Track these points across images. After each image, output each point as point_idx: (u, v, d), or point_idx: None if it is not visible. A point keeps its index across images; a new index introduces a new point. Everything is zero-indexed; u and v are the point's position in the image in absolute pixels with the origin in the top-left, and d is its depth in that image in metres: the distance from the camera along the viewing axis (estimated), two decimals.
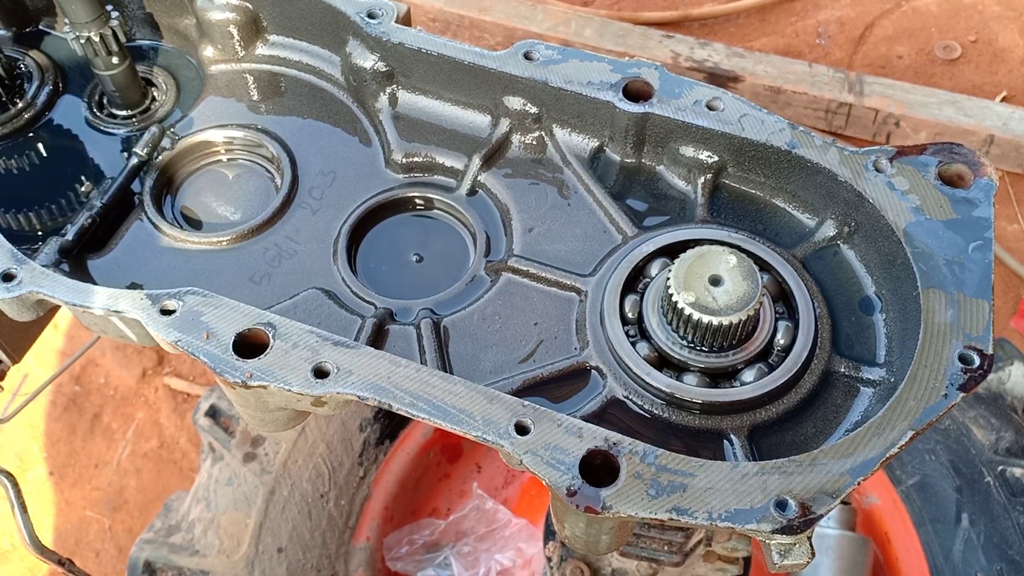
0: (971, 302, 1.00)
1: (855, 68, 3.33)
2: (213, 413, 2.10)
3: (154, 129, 1.30)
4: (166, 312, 1.03)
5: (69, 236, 1.19)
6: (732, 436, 1.03)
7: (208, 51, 1.37)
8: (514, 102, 1.22)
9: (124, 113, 1.34)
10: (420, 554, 2.18)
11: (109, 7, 1.26)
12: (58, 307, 1.16)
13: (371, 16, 1.24)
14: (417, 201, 1.25)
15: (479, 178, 1.24)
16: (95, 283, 1.12)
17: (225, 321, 1.01)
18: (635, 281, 1.12)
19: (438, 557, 2.18)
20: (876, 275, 1.12)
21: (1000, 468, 1.88)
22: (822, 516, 0.89)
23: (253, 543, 1.99)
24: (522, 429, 0.94)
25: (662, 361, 1.07)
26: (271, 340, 1.00)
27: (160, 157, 1.28)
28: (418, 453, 2.20)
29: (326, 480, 2.07)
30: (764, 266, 1.10)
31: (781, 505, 0.89)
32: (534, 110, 1.22)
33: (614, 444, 0.93)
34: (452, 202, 1.23)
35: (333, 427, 2.10)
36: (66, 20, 1.26)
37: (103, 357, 2.90)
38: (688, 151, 1.18)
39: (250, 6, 1.32)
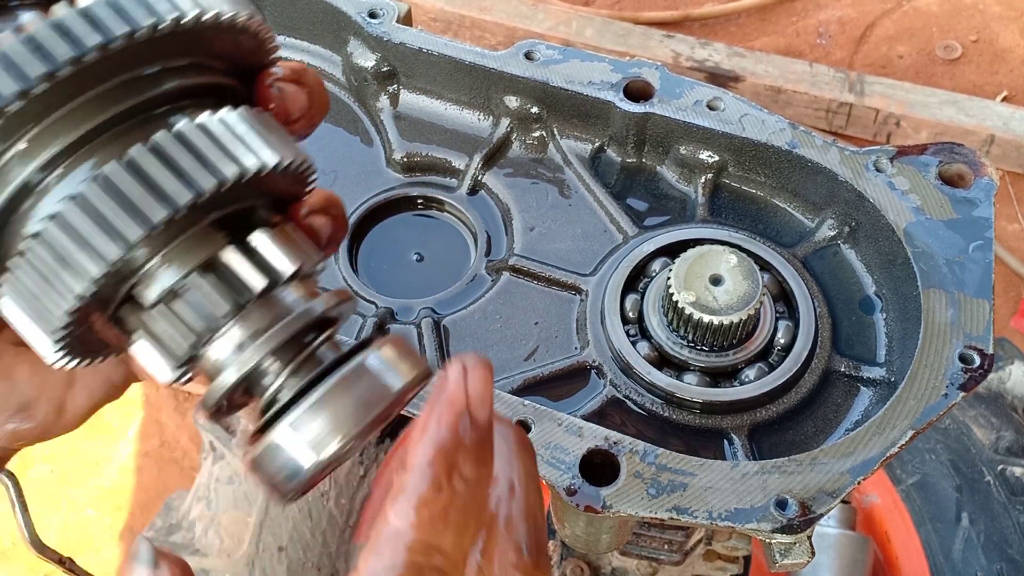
0: (971, 302, 1.00)
1: (856, 68, 3.33)
2: None
3: None
4: None
5: None
6: (732, 435, 1.03)
7: None
8: (515, 102, 1.22)
9: None
10: None
11: None
12: None
13: (372, 16, 1.24)
14: (418, 200, 1.25)
15: (480, 178, 1.24)
16: None
17: None
18: (636, 280, 1.12)
19: None
20: (876, 275, 1.12)
21: (1000, 467, 1.88)
22: (822, 515, 0.89)
23: (254, 542, 1.99)
24: (522, 428, 0.94)
25: (662, 360, 1.07)
26: None
27: None
28: None
29: (326, 479, 2.07)
30: (764, 266, 1.11)
31: (781, 504, 0.89)
32: (535, 110, 1.23)
33: (614, 443, 0.93)
34: (453, 201, 1.23)
35: None
36: None
37: None
38: (689, 151, 1.18)
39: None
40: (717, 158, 1.17)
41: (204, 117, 0.55)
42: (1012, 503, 1.85)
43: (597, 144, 1.23)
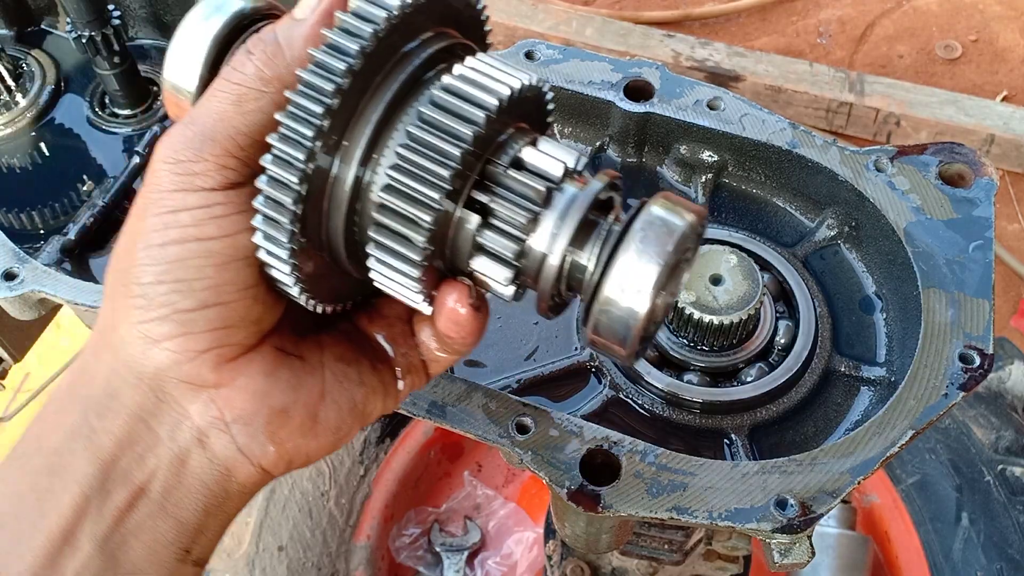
0: (971, 301, 1.00)
1: (856, 67, 3.33)
2: None
3: (156, 128, 1.30)
4: None
5: (71, 235, 1.19)
6: (733, 435, 1.03)
7: None
8: None
9: (126, 112, 1.34)
10: (418, 545, 2.19)
11: (111, 6, 1.26)
12: (60, 306, 1.16)
13: None
14: None
15: None
16: (97, 282, 1.12)
17: None
18: None
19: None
20: (876, 274, 1.12)
21: (1000, 467, 1.88)
22: (822, 515, 0.89)
23: (254, 542, 1.99)
24: (522, 428, 0.94)
25: (663, 360, 1.07)
26: None
27: None
28: (419, 452, 2.20)
29: (327, 479, 2.07)
30: (765, 265, 1.11)
31: (781, 504, 0.89)
32: None
33: (614, 443, 0.93)
34: None
35: None
36: (68, 19, 1.26)
37: None
38: (689, 150, 1.18)
39: None
40: (717, 158, 1.17)
41: (469, 60, 0.66)
42: (1012, 503, 1.85)
43: (597, 144, 1.23)
